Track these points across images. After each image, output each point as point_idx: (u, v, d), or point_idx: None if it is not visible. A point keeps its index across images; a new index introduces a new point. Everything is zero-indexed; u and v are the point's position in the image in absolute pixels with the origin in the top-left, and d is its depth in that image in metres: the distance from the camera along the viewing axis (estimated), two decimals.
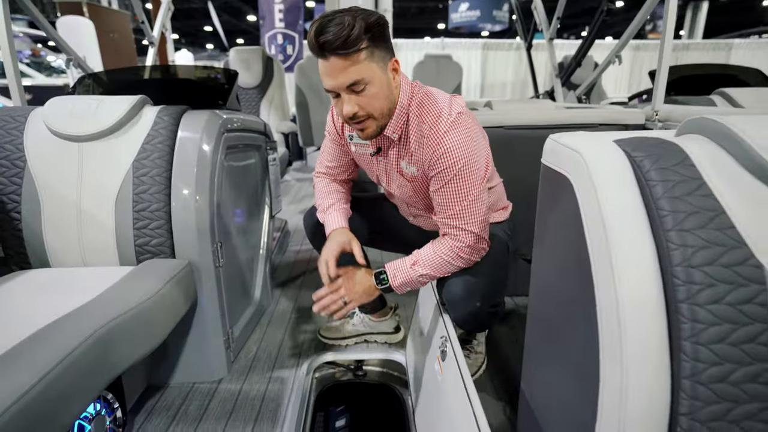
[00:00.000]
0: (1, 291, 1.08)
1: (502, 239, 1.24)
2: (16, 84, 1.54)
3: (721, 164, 0.61)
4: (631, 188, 0.62)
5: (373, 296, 1.13)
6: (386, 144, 1.15)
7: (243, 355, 1.53)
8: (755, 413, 0.55)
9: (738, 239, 0.57)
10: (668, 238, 0.58)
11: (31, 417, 0.72)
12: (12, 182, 1.24)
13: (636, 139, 0.67)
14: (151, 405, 1.28)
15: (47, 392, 0.74)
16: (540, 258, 0.87)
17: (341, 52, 0.92)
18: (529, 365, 0.95)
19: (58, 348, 0.79)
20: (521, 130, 1.66)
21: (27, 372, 0.74)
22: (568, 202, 0.70)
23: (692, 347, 0.55)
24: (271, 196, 1.95)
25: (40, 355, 0.78)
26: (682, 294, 0.56)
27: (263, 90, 3.45)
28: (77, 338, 0.82)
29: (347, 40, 0.91)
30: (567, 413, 0.75)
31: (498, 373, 1.42)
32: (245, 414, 1.25)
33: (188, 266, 1.23)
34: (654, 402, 0.57)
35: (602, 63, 2.28)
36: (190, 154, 1.28)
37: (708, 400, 0.55)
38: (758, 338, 0.55)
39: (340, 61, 0.93)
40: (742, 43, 6.47)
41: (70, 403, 0.81)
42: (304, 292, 2.01)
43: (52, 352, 0.78)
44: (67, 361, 0.79)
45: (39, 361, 0.76)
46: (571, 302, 0.73)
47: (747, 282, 0.55)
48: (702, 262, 0.56)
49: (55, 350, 0.79)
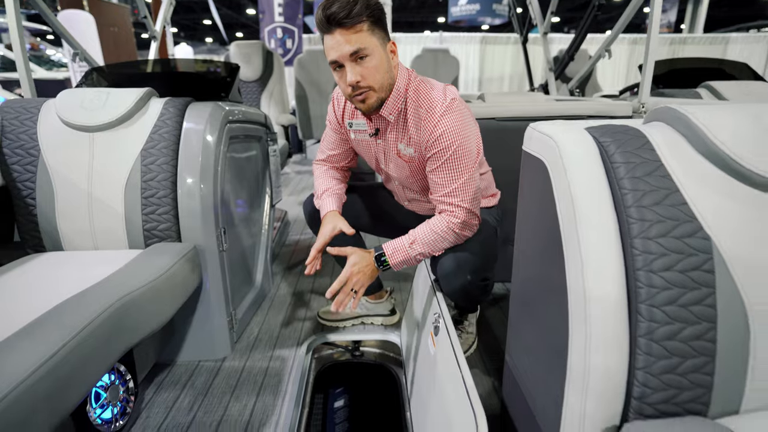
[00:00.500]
0: (20, 271, 1.15)
1: (490, 223, 1.32)
2: (26, 77, 1.60)
3: (678, 148, 0.69)
4: (598, 169, 0.69)
5: (374, 277, 1.20)
6: (384, 125, 1.23)
7: (245, 336, 1.60)
8: (701, 366, 0.62)
9: (689, 214, 0.64)
10: (629, 213, 0.65)
11: (56, 380, 0.79)
12: (27, 170, 1.31)
13: (605, 127, 0.74)
14: (160, 380, 1.36)
15: (70, 358, 0.82)
16: (521, 236, 0.95)
17: (345, 22, 1.02)
18: (511, 335, 1.03)
19: (80, 318, 0.87)
20: (512, 122, 1.72)
21: (52, 339, 0.81)
22: (543, 184, 0.77)
23: (647, 309, 0.62)
24: (271, 186, 2.02)
25: (63, 325, 0.85)
26: (639, 262, 0.63)
27: (263, 83, 3.51)
28: (96, 310, 0.90)
29: (350, 13, 1.01)
30: (542, 374, 0.83)
31: (487, 351, 1.49)
32: (248, 388, 1.33)
33: (194, 249, 1.30)
34: (614, 357, 0.64)
35: (593, 57, 2.34)
36: (195, 143, 1.35)
37: (660, 356, 0.62)
38: (704, 300, 0.62)
39: (344, 33, 1.04)
40: (738, 37, 6.51)
41: (90, 368, 0.88)
42: (304, 279, 2.09)
43: (74, 322, 0.86)
44: (87, 330, 0.86)
45: (63, 330, 0.83)
46: (545, 273, 0.80)
47: (696, 252, 0.63)
48: (657, 234, 0.63)
49: (77, 320, 0.86)
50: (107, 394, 1.07)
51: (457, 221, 1.17)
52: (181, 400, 1.28)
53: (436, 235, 1.16)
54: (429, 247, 1.18)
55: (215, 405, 1.26)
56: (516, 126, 1.76)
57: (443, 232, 1.17)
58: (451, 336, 1.01)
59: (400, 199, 1.47)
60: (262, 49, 3.54)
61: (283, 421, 1.21)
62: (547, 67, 2.86)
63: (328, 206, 1.32)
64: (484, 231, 1.27)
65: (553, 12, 2.75)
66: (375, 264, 1.19)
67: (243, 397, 1.29)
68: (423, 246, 1.17)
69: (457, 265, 1.19)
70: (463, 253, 1.20)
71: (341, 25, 1.03)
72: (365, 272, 1.17)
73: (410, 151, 1.20)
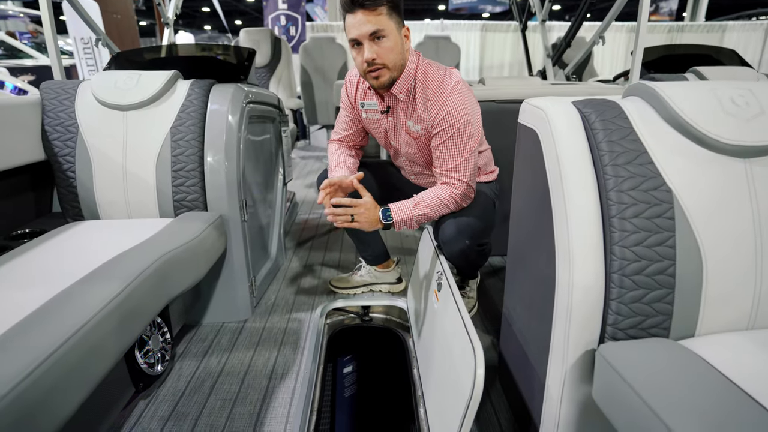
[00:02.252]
0: (67, 235, 1.28)
1: (488, 195, 1.46)
2: (57, 62, 1.72)
3: (648, 117, 0.81)
4: (580, 135, 0.82)
5: (375, 227, 1.30)
6: (394, 103, 1.36)
7: (263, 302, 1.74)
8: (663, 296, 0.76)
9: (655, 171, 0.77)
10: (605, 171, 0.78)
11: (118, 319, 0.92)
12: (66, 146, 1.43)
13: (587, 101, 0.87)
14: (189, 338, 1.50)
15: (128, 301, 0.95)
16: (517, 198, 1.08)
17: (368, 4, 1.15)
18: (508, 289, 1.16)
19: (133, 269, 1.00)
20: (510, 104, 1.84)
21: (113, 285, 0.94)
22: (535, 150, 0.90)
23: (620, 249, 0.76)
24: (284, 165, 2.14)
25: (120, 274, 0.98)
26: (614, 211, 0.76)
27: (272, 69, 3.61)
28: (146, 262, 1.03)
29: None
30: (534, 315, 0.96)
31: (487, 315, 1.63)
32: (270, 344, 1.47)
33: (220, 218, 1.43)
34: (592, 290, 0.78)
35: (588, 43, 2.45)
36: (220, 122, 1.47)
37: (630, 288, 0.76)
38: (666, 242, 0.75)
39: (365, 14, 1.16)
40: (736, 25, 6.58)
41: (142, 314, 1.01)
42: (314, 253, 2.22)
43: (130, 271, 0.99)
44: (140, 278, 0.99)
45: (121, 277, 0.96)
46: (536, 227, 0.93)
47: (660, 202, 0.76)
48: (629, 187, 0.76)
49: (131, 270, 0.99)
50: (150, 341, 1.20)
51: (458, 192, 1.30)
52: (210, 354, 1.42)
53: (438, 200, 1.30)
54: (431, 211, 1.31)
55: (241, 357, 1.40)
56: (514, 108, 1.87)
57: (445, 199, 1.30)
58: (452, 287, 1.13)
59: (407, 173, 1.59)
60: (271, 35, 3.64)
61: (303, 370, 1.35)
62: (545, 53, 2.97)
63: (340, 174, 1.45)
64: (482, 201, 1.41)
65: (551, 0, 2.85)
66: (380, 216, 1.28)
67: (265, 352, 1.43)
68: (425, 208, 1.30)
69: (458, 230, 1.33)
70: (463, 219, 1.33)
71: (364, 6, 1.15)
72: (369, 216, 1.26)
73: (418, 128, 1.33)
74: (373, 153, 2.95)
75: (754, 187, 0.77)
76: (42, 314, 0.83)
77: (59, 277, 1.00)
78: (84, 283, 0.95)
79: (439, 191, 1.30)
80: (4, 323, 0.80)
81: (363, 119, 1.48)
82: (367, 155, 2.13)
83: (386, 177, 1.64)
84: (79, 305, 0.87)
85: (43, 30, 1.63)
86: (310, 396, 1.25)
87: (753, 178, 0.77)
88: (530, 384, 1.00)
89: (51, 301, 0.88)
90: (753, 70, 2.08)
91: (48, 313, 0.84)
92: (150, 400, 1.22)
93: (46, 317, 0.82)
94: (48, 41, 1.68)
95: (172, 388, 1.26)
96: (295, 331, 1.55)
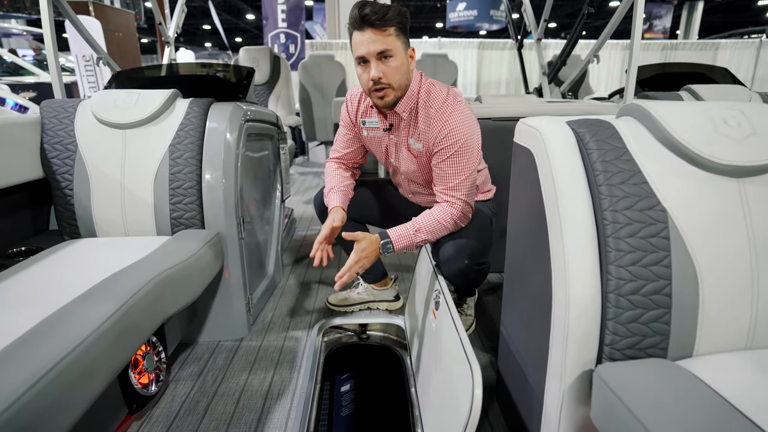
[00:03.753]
0: (63, 254, 1.27)
1: (486, 213, 1.46)
2: (58, 80, 1.74)
3: (641, 137, 0.82)
4: (575, 155, 0.83)
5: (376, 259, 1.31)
6: (397, 121, 1.37)
7: (260, 320, 1.73)
8: (660, 316, 0.76)
9: (649, 191, 0.77)
10: (600, 190, 0.78)
11: (110, 341, 0.91)
12: (65, 163, 1.44)
13: (582, 120, 0.88)
14: (184, 357, 1.48)
15: (121, 322, 0.94)
16: (513, 217, 1.08)
17: (379, 24, 1.16)
18: (505, 308, 1.16)
19: (128, 288, 0.99)
20: (507, 122, 1.86)
21: (106, 306, 0.93)
22: (531, 169, 0.90)
23: (616, 269, 0.76)
24: (282, 182, 2.15)
25: (114, 294, 0.97)
26: (609, 230, 0.77)
27: (271, 86, 3.65)
28: (141, 282, 1.02)
29: (384, 16, 1.16)
30: (531, 334, 0.96)
31: (484, 332, 1.62)
32: (266, 363, 1.45)
33: (217, 236, 1.43)
34: (589, 310, 0.77)
35: (582, 62, 2.48)
36: (218, 140, 1.48)
37: (626, 308, 0.75)
38: (662, 262, 0.75)
39: (374, 33, 1.18)
40: (728, 43, 6.69)
41: (135, 334, 1.00)
42: (312, 270, 2.21)
43: (124, 292, 0.98)
44: (134, 299, 0.98)
45: (115, 298, 0.96)
46: (533, 247, 0.93)
47: (654, 221, 0.76)
48: (623, 207, 0.77)
49: (125, 290, 0.99)
50: (145, 361, 1.19)
51: (457, 213, 1.31)
52: (205, 374, 1.40)
53: (439, 224, 1.30)
54: (431, 235, 1.31)
55: (237, 377, 1.39)
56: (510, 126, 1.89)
57: (445, 221, 1.30)
58: (450, 306, 1.13)
59: (404, 191, 1.60)
60: (270, 53, 3.69)
61: (299, 390, 1.33)
62: (541, 71, 3.01)
63: (334, 202, 1.45)
64: (479, 220, 1.41)
65: (546, 19, 2.90)
66: (379, 250, 1.29)
67: (261, 371, 1.42)
68: (426, 234, 1.30)
69: (456, 250, 1.33)
70: (461, 240, 1.33)
71: (373, 25, 1.16)
72: (370, 257, 1.28)
73: (419, 146, 1.34)
74: (371, 169, 2.96)
75: (748, 206, 0.77)
76: (35, 335, 0.82)
77: (54, 296, 0.99)
78: (78, 303, 0.94)
79: (438, 214, 1.30)
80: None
81: (363, 137, 1.49)
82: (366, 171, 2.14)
83: (384, 195, 1.64)
84: (72, 326, 0.87)
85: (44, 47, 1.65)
86: (306, 416, 1.24)
87: (747, 198, 0.78)
88: (528, 404, 0.99)
89: (44, 321, 0.87)
90: (746, 89, 2.11)
91: (41, 333, 0.83)
92: (143, 421, 1.20)
93: (39, 338, 0.82)
94: (49, 60, 1.70)
95: (166, 409, 1.25)
96: (291, 350, 1.53)
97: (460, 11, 12.67)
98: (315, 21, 12.84)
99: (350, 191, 1.53)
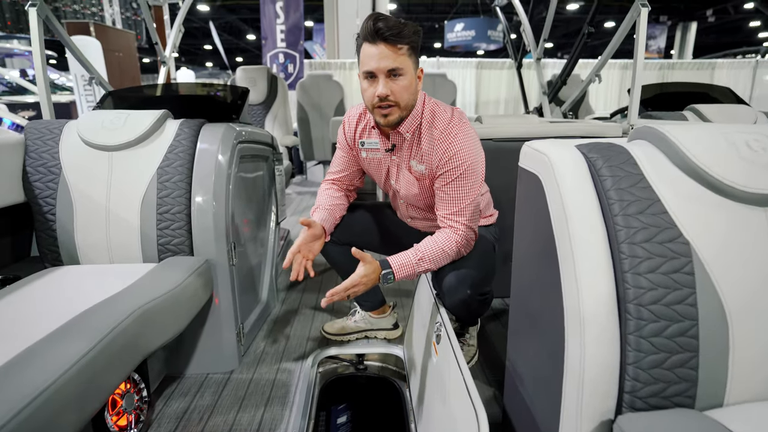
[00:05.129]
0: (41, 283, 1.20)
1: (489, 240, 1.39)
2: (46, 99, 1.69)
3: (658, 163, 0.76)
4: (587, 182, 0.76)
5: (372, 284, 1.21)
6: (400, 142, 1.31)
7: (252, 350, 1.64)
8: (686, 361, 0.68)
9: (670, 222, 0.71)
10: (615, 221, 0.72)
11: (80, 385, 0.83)
12: (48, 187, 1.38)
13: (592, 144, 0.82)
14: (170, 392, 1.39)
15: (94, 363, 0.86)
16: (519, 247, 1.01)
17: (393, 40, 1.11)
18: (512, 343, 1.08)
19: (104, 325, 0.92)
20: (508, 143, 1.81)
21: (77, 345, 0.86)
22: (538, 196, 0.84)
23: (635, 308, 0.69)
24: (277, 204, 2.09)
25: (87, 332, 0.90)
26: (626, 265, 0.70)
27: (268, 106, 3.62)
28: (118, 318, 0.95)
29: (400, 33, 1.11)
30: (541, 376, 0.88)
31: (488, 363, 1.54)
32: (257, 399, 1.37)
33: (206, 263, 1.36)
34: (606, 354, 0.70)
35: (584, 81, 2.45)
36: (208, 162, 1.42)
37: (648, 351, 0.68)
38: (686, 300, 0.68)
39: (387, 48, 1.12)
40: (725, 63, 6.74)
41: (111, 375, 0.92)
42: (307, 296, 2.13)
43: (99, 329, 0.91)
44: (110, 336, 0.91)
45: (87, 336, 0.88)
46: (541, 281, 0.86)
47: (677, 255, 0.69)
48: (642, 239, 0.70)
49: (100, 327, 0.91)
50: (123, 401, 1.11)
51: (461, 239, 1.24)
52: (191, 411, 1.31)
53: (443, 252, 1.23)
54: (434, 264, 1.24)
55: (225, 415, 1.30)
56: (512, 146, 1.85)
57: (449, 249, 1.23)
58: (452, 341, 1.06)
59: (402, 215, 1.53)
60: (267, 73, 3.67)
61: (291, 428, 1.24)
62: (541, 90, 2.98)
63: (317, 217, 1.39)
64: (482, 247, 1.34)
65: (545, 39, 2.89)
66: (379, 280, 1.21)
67: (251, 408, 1.33)
68: (429, 263, 1.23)
69: (458, 280, 1.25)
70: (463, 269, 1.26)
71: (387, 41, 1.11)
72: (368, 285, 1.20)
73: (422, 167, 1.28)
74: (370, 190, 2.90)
75: None
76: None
77: (24, 332, 0.92)
78: (48, 341, 0.87)
79: (442, 242, 1.23)
80: None
81: (362, 159, 1.43)
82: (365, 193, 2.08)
83: (381, 219, 1.57)
84: (39, 368, 0.79)
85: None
86: None
87: None
88: None
89: (8, 363, 0.79)
90: (751, 108, 2.07)
91: (4, 376, 0.76)
92: None
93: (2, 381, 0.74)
94: (38, 78, 1.65)
95: None
96: (284, 384, 1.44)
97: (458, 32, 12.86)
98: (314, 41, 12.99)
99: (338, 211, 1.46)
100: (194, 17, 14.80)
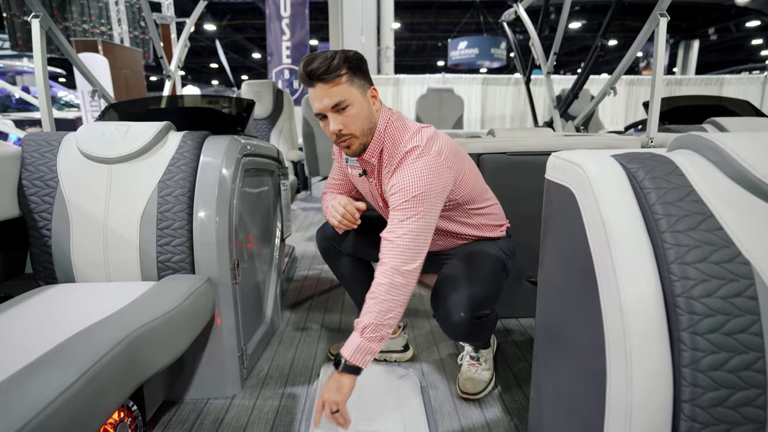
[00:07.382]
0: (32, 302, 1.13)
1: (495, 255, 1.32)
2: (47, 113, 1.64)
3: (708, 174, 0.68)
4: (628, 196, 0.69)
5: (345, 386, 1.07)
6: (369, 167, 1.27)
7: (255, 373, 1.55)
8: (752, 399, 0.60)
9: (726, 239, 0.63)
10: (663, 238, 0.64)
11: (67, 416, 0.75)
12: (44, 201, 1.31)
13: (630, 154, 0.75)
14: (167, 419, 1.31)
15: (83, 393, 0.78)
16: (546, 267, 0.93)
17: (325, 77, 1.08)
18: (538, 370, 0.99)
19: (93, 351, 0.84)
20: (522, 156, 1.74)
21: (65, 374, 0.78)
22: (571, 212, 0.76)
23: (690, 337, 0.60)
24: (282, 220, 2.02)
25: (76, 359, 0.82)
26: (678, 289, 0.62)
27: (273, 121, 3.59)
28: (110, 343, 0.87)
29: (329, 68, 1.07)
30: (576, 409, 0.79)
31: (506, 389, 1.44)
32: (259, 428, 1.27)
33: (208, 282, 1.28)
34: (657, 390, 0.62)
35: (598, 94, 2.40)
36: (212, 176, 1.36)
37: (708, 387, 0.60)
38: (750, 328, 0.60)
39: (324, 86, 1.09)
40: (732, 79, 6.70)
41: (102, 405, 0.84)
42: (313, 314, 2.05)
43: (88, 355, 0.83)
44: (100, 364, 0.83)
45: (76, 364, 0.81)
46: (576, 304, 0.78)
47: (736, 277, 0.61)
48: (695, 259, 0.62)
49: (90, 353, 0.83)
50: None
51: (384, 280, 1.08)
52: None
53: (377, 301, 1.07)
54: (381, 316, 1.06)
55: None
56: (526, 160, 1.79)
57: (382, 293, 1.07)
58: None
59: None
60: (273, 88, 3.64)
61: None
62: (552, 104, 2.93)
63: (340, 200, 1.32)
64: (485, 265, 1.28)
65: (556, 53, 2.85)
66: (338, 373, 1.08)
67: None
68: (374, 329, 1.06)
69: (452, 302, 1.17)
70: (461, 288, 1.18)
71: (321, 79, 1.08)
72: (330, 389, 1.07)
73: None
74: None
75: None
76: None
77: (10, 357, 0.84)
78: (34, 369, 0.79)
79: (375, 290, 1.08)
80: None
81: (349, 175, 1.40)
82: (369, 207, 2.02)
83: None
84: (21, 399, 0.71)
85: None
86: None
87: None
88: None
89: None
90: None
91: None
92: None
93: None
94: (39, 91, 1.61)
95: None
96: (289, 411, 1.35)
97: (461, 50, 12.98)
98: None
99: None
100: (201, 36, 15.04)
